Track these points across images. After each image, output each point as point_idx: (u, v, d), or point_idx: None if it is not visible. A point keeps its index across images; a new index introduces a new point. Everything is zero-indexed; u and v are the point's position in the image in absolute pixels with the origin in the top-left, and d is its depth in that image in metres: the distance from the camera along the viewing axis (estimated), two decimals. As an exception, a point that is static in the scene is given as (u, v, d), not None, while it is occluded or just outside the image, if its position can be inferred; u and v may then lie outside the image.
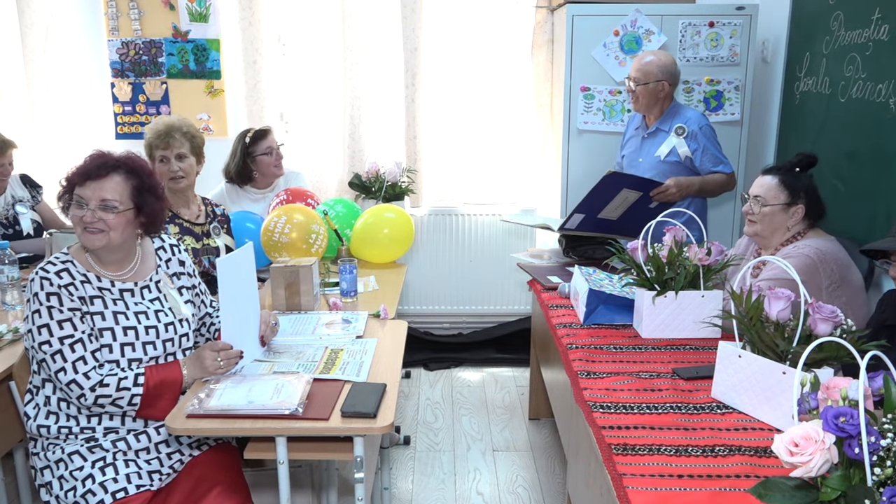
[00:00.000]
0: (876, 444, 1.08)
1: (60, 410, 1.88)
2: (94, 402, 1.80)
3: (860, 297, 2.27)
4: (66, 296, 1.82)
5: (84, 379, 1.79)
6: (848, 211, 2.81)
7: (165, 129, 2.69)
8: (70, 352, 1.80)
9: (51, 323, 1.79)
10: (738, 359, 1.72)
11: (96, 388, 1.79)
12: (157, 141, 2.69)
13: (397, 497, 2.90)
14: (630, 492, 1.43)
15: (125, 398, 1.82)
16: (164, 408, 1.85)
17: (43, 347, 1.79)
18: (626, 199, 2.97)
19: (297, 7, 4.04)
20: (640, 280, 2.29)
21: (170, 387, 1.88)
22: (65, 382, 1.79)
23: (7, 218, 3.30)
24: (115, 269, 1.94)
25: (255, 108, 4.14)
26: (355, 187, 4.10)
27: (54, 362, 1.79)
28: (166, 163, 2.70)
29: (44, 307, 1.80)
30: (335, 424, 1.71)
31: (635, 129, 3.28)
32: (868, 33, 2.71)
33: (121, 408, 1.83)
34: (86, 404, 1.81)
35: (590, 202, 2.95)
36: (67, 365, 1.79)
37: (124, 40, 4.08)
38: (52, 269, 1.83)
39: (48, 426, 1.87)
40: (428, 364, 4.21)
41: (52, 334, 1.79)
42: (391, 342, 2.24)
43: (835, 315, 1.62)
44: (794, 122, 3.38)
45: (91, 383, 1.79)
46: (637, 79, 3.07)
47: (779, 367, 1.64)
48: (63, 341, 1.79)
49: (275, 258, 2.83)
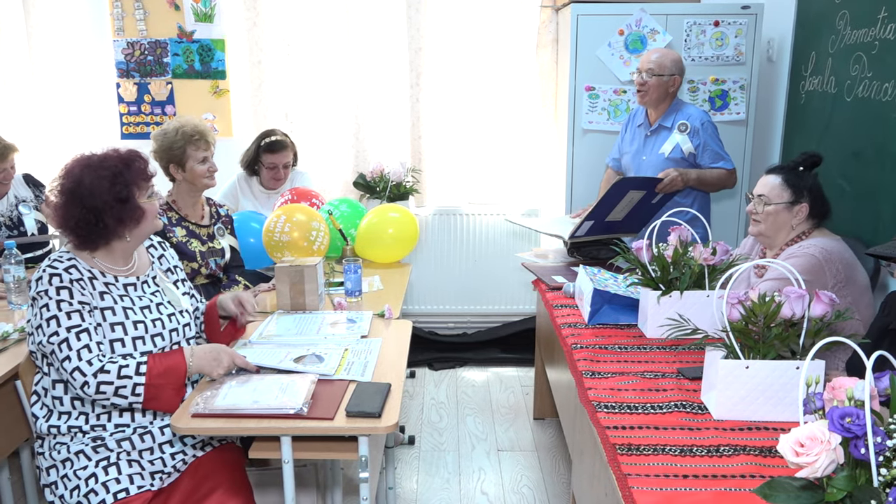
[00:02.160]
0: (882, 444, 1.07)
1: (74, 409, 1.88)
2: (96, 389, 1.78)
3: (866, 296, 2.26)
4: (77, 290, 1.83)
5: (87, 366, 1.78)
6: (853, 210, 2.80)
7: (200, 129, 2.70)
8: (76, 340, 1.80)
9: (59, 314, 1.80)
10: (745, 370, 1.68)
11: (98, 375, 1.77)
12: (200, 140, 2.69)
13: (402, 497, 2.90)
14: (635, 492, 1.43)
15: (128, 387, 1.79)
16: (170, 399, 1.85)
17: (51, 339, 1.80)
18: (632, 200, 2.97)
19: (301, 7, 4.05)
20: (644, 280, 2.28)
21: (173, 374, 1.85)
22: (69, 371, 1.78)
23: (11, 219, 3.31)
24: (121, 265, 1.96)
25: (260, 108, 4.15)
26: (360, 187, 4.11)
27: (61, 351, 1.79)
28: (206, 162, 2.72)
29: (53, 301, 1.80)
30: (340, 424, 1.71)
31: (637, 126, 3.28)
32: (874, 32, 2.70)
33: (125, 398, 1.80)
34: (89, 393, 1.78)
35: (599, 210, 2.96)
36: (72, 353, 1.79)
37: (129, 40, 4.09)
38: (60, 266, 1.85)
39: (58, 426, 1.88)
40: (432, 364, 4.21)
41: (59, 324, 1.80)
42: (396, 342, 2.24)
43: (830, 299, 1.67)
44: (799, 121, 3.37)
45: (93, 370, 1.78)
46: (651, 70, 3.06)
47: (792, 364, 1.65)
48: (70, 330, 1.80)
49: (277, 258, 2.83)
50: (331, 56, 4.10)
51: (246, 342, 2.19)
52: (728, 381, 1.69)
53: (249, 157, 3.51)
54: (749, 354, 1.70)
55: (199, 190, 2.78)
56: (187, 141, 2.67)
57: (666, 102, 3.13)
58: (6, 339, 2.26)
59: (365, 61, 4.10)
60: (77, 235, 1.86)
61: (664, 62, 3.06)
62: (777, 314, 1.68)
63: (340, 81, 4.13)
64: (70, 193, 1.84)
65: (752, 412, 1.70)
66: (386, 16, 4.06)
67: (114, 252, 1.94)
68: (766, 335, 1.69)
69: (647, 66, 3.08)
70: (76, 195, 1.83)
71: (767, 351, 1.69)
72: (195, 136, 2.68)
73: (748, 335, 1.71)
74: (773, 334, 1.69)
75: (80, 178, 1.84)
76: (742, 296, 1.72)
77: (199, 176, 2.71)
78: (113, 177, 1.85)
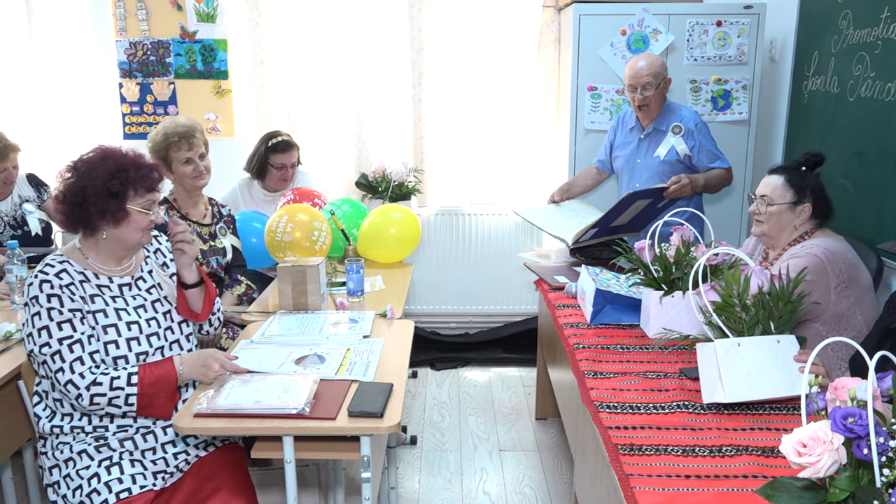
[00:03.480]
0: (885, 444, 1.07)
1: (76, 411, 1.88)
2: (90, 402, 1.79)
3: (869, 296, 2.26)
4: (67, 296, 1.83)
5: (80, 378, 1.79)
6: (856, 211, 2.79)
7: (185, 129, 2.66)
8: (68, 352, 1.80)
9: (50, 325, 1.80)
10: (738, 347, 1.70)
11: (91, 388, 1.79)
12: (181, 142, 2.65)
13: (404, 496, 2.90)
14: (637, 492, 1.43)
15: (121, 397, 1.81)
16: (163, 406, 1.87)
17: (43, 349, 1.80)
18: (638, 206, 2.97)
19: (304, 7, 4.05)
20: (647, 280, 2.28)
21: (164, 383, 1.86)
22: (63, 383, 1.79)
23: (15, 219, 3.32)
24: (114, 265, 1.96)
25: (262, 108, 4.15)
26: (362, 187, 4.11)
27: (53, 363, 1.79)
28: (190, 163, 2.68)
29: (44, 309, 1.80)
30: (342, 424, 1.71)
31: (629, 129, 3.24)
32: (877, 32, 2.69)
33: (119, 408, 1.82)
34: (83, 405, 1.80)
35: (605, 219, 2.97)
36: (65, 365, 1.79)
37: (132, 41, 4.09)
38: (50, 271, 1.84)
39: (61, 426, 1.88)
40: (434, 364, 4.21)
41: (51, 336, 1.79)
42: (398, 342, 2.24)
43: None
44: (802, 121, 3.37)
45: (86, 382, 1.79)
46: (650, 83, 2.98)
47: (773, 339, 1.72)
48: (62, 342, 1.80)
49: (280, 258, 2.83)
50: (333, 56, 4.10)
51: (249, 342, 2.19)
52: (727, 362, 1.71)
53: (258, 161, 3.43)
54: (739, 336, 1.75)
55: (188, 190, 2.74)
56: (169, 144, 2.65)
57: (660, 107, 3.11)
58: (9, 338, 2.26)
59: (367, 61, 4.11)
60: (62, 212, 1.88)
61: (656, 70, 2.98)
62: (748, 287, 1.73)
63: (343, 81, 4.13)
64: (75, 169, 1.88)
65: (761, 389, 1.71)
66: (388, 16, 4.07)
67: (100, 251, 1.93)
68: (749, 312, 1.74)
69: (643, 80, 2.98)
70: (78, 171, 1.87)
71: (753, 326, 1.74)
72: (175, 139, 2.64)
73: (732, 311, 1.75)
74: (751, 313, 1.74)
75: (91, 160, 1.88)
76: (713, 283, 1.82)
77: (183, 177, 2.68)
78: (116, 169, 1.86)
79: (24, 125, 4.11)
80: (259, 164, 3.44)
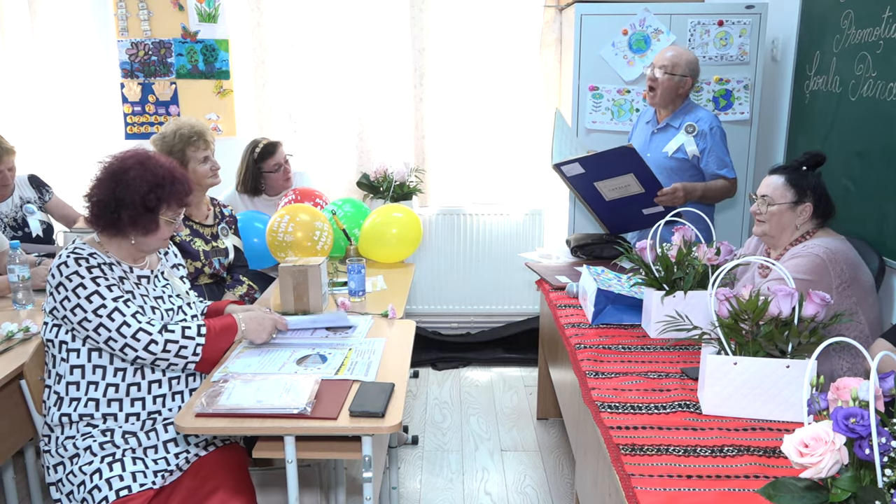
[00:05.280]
0: (887, 445, 1.07)
1: (86, 395, 1.89)
2: (163, 347, 1.86)
3: (870, 297, 2.25)
4: (108, 271, 1.89)
5: (149, 325, 1.87)
6: (858, 210, 2.79)
7: (197, 130, 2.71)
8: (126, 307, 1.86)
9: (100, 289, 1.85)
10: (734, 366, 1.70)
11: (164, 333, 1.87)
12: (199, 141, 2.70)
13: (405, 496, 2.90)
14: (638, 492, 1.43)
15: (189, 347, 1.90)
16: (215, 360, 1.98)
17: (98, 311, 1.83)
18: (628, 188, 2.95)
19: (305, 7, 4.05)
20: (648, 280, 2.28)
21: (227, 335, 2.01)
22: (130, 335, 1.83)
23: (15, 220, 3.32)
24: (135, 261, 2.01)
25: (263, 108, 4.16)
26: (363, 187, 4.11)
27: (113, 321, 1.83)
28: (208, 161, 2.74)
29: (87, 279, 1.85)
30: (343, 424, 1.71)
31: (645, 123, 3.26)
32: (879, 31, 2.69)
33: (184, 358, 1.90)
34: (155, 351, 1.85)
35: (596, 163, 2.95)
36: (128, 318, 1.84)
37: (134, 41, 4.10)
38: (84, 252, 1.89)
39: (69, 414, 1.89)
40: (436, 364, 4.22)
41: (104, 297, 1.84)
42: (399, 342, 2.24)
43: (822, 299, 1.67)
44: (803, 121, 3.37)
45: (157, 328, 1.87)
46: (665, 67, 3.02)
47: (782, 363, 1.66)
48: (117, 300, 1.86)
49: (281, 258, 2.84)
50: (334, 56, 4.10)
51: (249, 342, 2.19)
52: (716, 377, 1.71)
53: (250, 176, 3.40)
54: (740, 352, 1.71)
55: (202, 189, 2.78)
56: (186, 143, 2.68)
57: (676, 104, 3.10)
58: (11, 338, 2.26)
59: (368, 61, 4.11)
60: (93, 212, 1.93)
61: (678, 62, 3.03)
62: (765, 311, 1.68)
63: (344, 81, 4.13)
64: (111, 175, 1.91)
65: (741, 409, 1.71)
66: (389, 16, 4.07)
67: (122, 249, 1.98)
68: (755, 333, 1.70)
69: (661, 62, 3.05)
70: (114, 179, 1.90)
71: (756, 349, 1.70)
72: (193, 138, 2.69)
73: (738, 332, 1.72)
74: (763, 332, 1.69)
75: (128, 169, 1.91)
76: (730, 292, 1.74)
77: (202, 176, 2.73)
78: (154, 185, 1.91)
79: (26, 125, 4.11)
80: (252, 179, 3.41)
